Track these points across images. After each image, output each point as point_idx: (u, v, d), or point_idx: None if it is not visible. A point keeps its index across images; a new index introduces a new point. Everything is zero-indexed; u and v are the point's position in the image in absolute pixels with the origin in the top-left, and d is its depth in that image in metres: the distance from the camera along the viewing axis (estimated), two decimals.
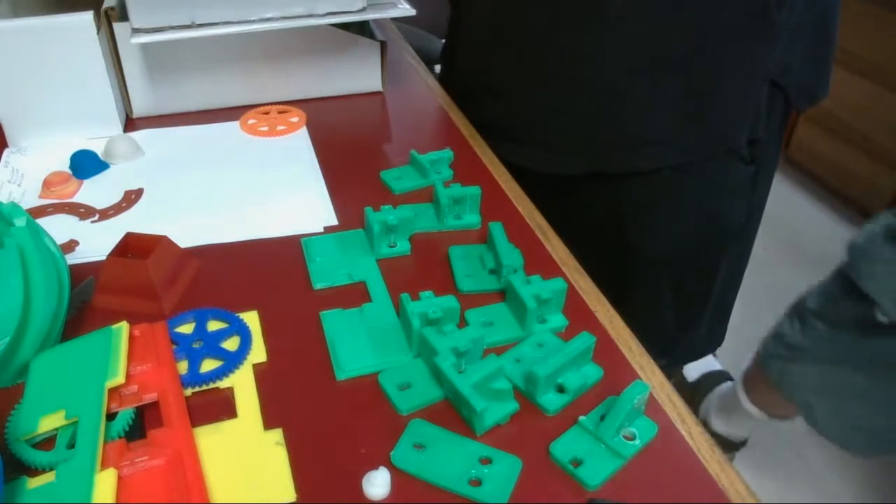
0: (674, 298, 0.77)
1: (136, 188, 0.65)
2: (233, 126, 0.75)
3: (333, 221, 0.61)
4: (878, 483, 1.46)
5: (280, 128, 0.75)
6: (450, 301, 0.48)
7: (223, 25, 0.68)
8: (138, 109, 0.76)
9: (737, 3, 0.65)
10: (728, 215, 0.77)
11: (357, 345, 0.48)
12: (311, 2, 0.69)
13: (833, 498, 1.43)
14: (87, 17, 0.66)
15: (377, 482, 0.38)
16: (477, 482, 0.39)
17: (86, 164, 0.66)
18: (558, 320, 0.50)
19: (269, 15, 0.69)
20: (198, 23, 0.67)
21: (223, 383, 0.45)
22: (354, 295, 0.53)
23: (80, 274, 0.53)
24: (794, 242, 2.08)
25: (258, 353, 0.47)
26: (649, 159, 0.72)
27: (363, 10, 0.71)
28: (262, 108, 0.78)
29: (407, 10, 0.72)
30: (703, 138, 0.71)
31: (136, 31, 0.66)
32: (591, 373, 0.46)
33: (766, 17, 0.66)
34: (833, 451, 1.51)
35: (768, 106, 0.71)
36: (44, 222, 0.59)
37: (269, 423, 0.42)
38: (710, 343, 0.92)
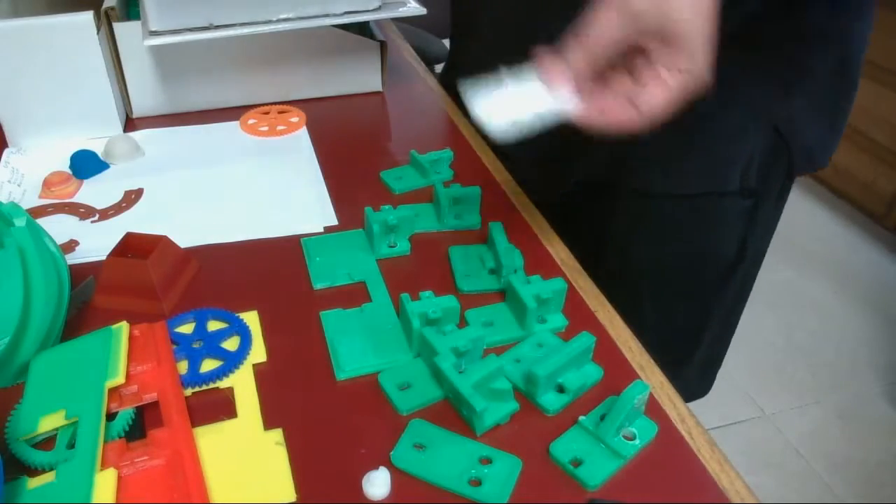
0: (660, 333, 0.73)
1: (136, 188, 0.65)
2: (233, 126, 0.75)
3: (333, 221, 0.61)
4: (878, 483, 1.47)
5: (280, 128, 0.75)
6: (450, 301, 0.48)
7: (240, 27, 0.68)
8: (138, 109, 0.76)
9: (750, 35, 0.59)
10: (717, 249, 0.71)
11: (357, 345, 0.48)
12: (327, 1, 0.69)
13: (833, 498, 1.43)
14: (87, 16, 0.66)
15: (377, 482, 0.38)
16: (477, 482, 0.39)
17: (86, 164, 0.66)
18: (558, 320, 0.50)
19: (285, 15, 0.69)
20: (215, 24, 0.67)
21: (223, 383, 0.45)
22: (354, 295, 0.53)
23: (80, 274, 0.53)
24: (793, 241, 2.08)
25: (258, 353, 0.47)
26: (632, 179, 0.68)
27: (378, 9, 0.71)
28: (262, 108, 0.78)
29: (417, 10, 0.72)
30: (690, 168, 0.67)
31: (153, 33, 0.66)
32: (591, 373, 0.46)
33: (778, 53, 0.61)
34: (833, 451, 1.52)
35: (767, 155, 0.66)
36: (44, 222, 0.59)
37: (269, 423, 0.42)
38: (699, 389, 0.86)
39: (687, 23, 0.42)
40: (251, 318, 0.50)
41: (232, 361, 0.46)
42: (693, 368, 0.81)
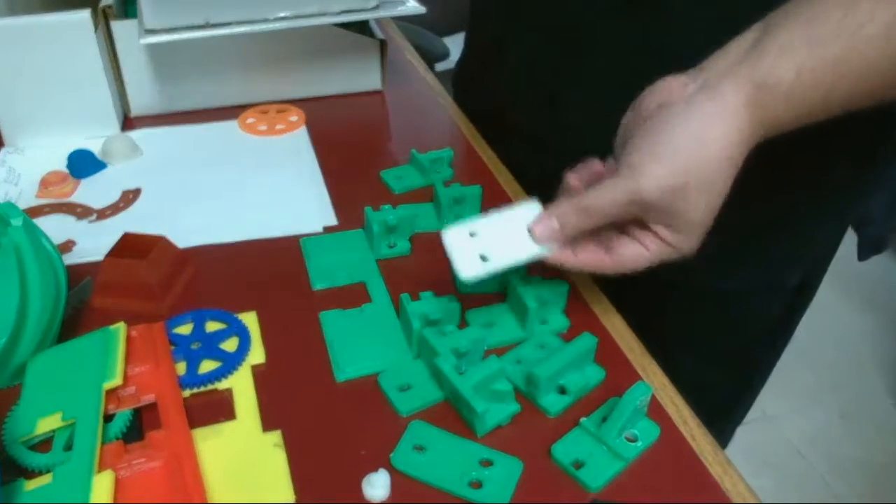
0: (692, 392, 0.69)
1: (133, 188, 0.64)
2: (231, 125, 0.75)
3: (333, 221, 0.60)
4: (881, 484, 1.46)
5: (279, 127, 0.74)
6: (450, 301, 0.48)
7: (237, 25, 0.67)
8: (136, 108, 0.76)
9: (839, 141, 0.54)
10: (748, 349, 0.68)
11: (357, 345, 0.48)
12: (325, 0, 0.69)
13: (833, 498, 1.43)
14: (85, 15, 0.65)
15: (377, 484, 0.38)
16: (477, 484, 0.39)
17: (83, 164, 0.66)
18: (560, 321, 0.50)
19: (282, 14, 0.68)
20: (212, 23, 0.67)
21: (222, 385, 0.45)
22: (354, 295, 0.52)
23: (77, 274, 0.52)
24: None
25: (257, 354, 0.47)
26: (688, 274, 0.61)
27: (376, 7, 0.71)
28: (260, 107, 0.78)
29: (417, 9, 0.72)
30: (748, 265, 0.62)
31: (148, 31, 0.66)
32: (593, 374, 0.46)
33: (867, 161, 0.56)
34: (833, 450, 1.51)
35: (832, 249, 0.63)
36: (41, 222, 0.59)
37: (267, 425, 0.42)
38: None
39: (696, 217, 0.41)
40: (250, 319, 0.49)
41: (230, 363, 0.46)
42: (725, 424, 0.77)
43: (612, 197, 0.42)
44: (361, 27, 0.78)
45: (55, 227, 0.58)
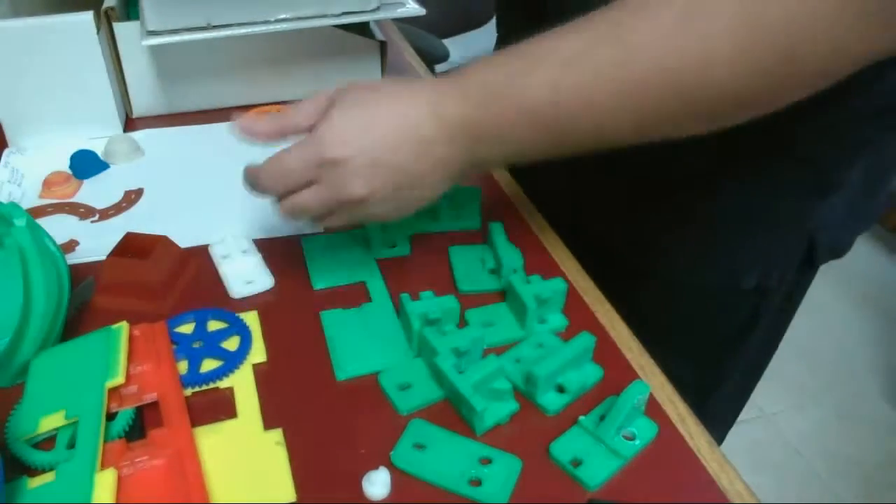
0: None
1: (135, 188, 0.65)
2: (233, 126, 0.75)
3: None
4: (878, 483, 1.47)
5: None
6: (450, 301, 0.48)
7: (238, 27, 0.68)
8: (138, 109, 0.76)
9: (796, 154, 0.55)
10: (727, 326, 0.68)
11: (357, 345, 0.48)
12: (325, 2, 0.69)
13: (833, 498, 1.43)
14: (87, 16, 0.65)
15: (377, 482, 0.39)
16: (477, 482, 0.39)
17: (86, 164, 0.66)
18: (558, 320, 0.50)
19: (283, 15, 0.69)
20: (214, 24, 0.67)
21: (223, 383, 0.45)
22: (354, 295, 0.53)
23: (80, 274, 0.53)
24: None
25: (258, 353, 0.47)
26: (656, 264, 0.65)
27: (377, 9, 0.71)
28: (262, 108, 0.78)
29: (417, 10, 0.72)
30: (708, 266, 0.64)
31: (150, 32, 0.66)
32: (591, 373, 0.46)
33: (824, 172, 0.57)
34: (833, 451, 1.52)
35: (791, 256, 0.63)
36: (44, 222, 0.59)
37: (268, 423, 0.42)
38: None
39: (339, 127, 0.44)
40: (251, 318, 0.50)
41: (232, 361, 0.46)
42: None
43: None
44: (362, 29, 0.79)
45: (58, 227, 0.58)
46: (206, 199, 0.64)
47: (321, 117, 0.45)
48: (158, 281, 0.51)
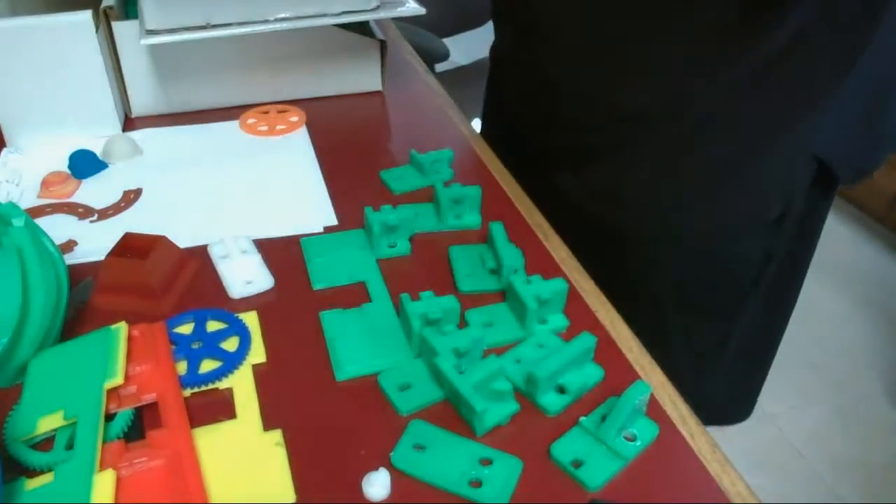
0: (684, 346, 0.71)
1: (134, 188, 0.65)
2: (232, 125, 0.75)
3: (333, 221, 0.60)
4: (880, 483, 1.46)
5: (279, 127, 0.75)
6: (450, 301, 0.48)
7: (238, 26, 0.68)
8: (137, 109, 0.76)
9: (781, 77, 0.57)
10: (740, 257, 0.69)
11: (357, 345, 0.48)
12: (325, 1, 0.69)
13: (835, 498, 1.43)
14: (86, 16, 0.65)
15: (377, 483, 0.38)
16: (477, 483, 0.39)
17: (84, 164, 0.66)
18: (559, 320, 0.50)
19: (283, 14, 0.69)
20: (213, 23, 0.67)
21: (222, 384, 0.45)
22: (354, 295, 0.52)
23: (78, 274, 0.53)
24: None
25: (257, 353, 0.47)
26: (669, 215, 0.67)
27: (376, 8, 0.71)
28: (261, 108, 0.78)
29: (417, 10, 0.72)
30: (721, 208, 0.65)
31: (149, 32, 0.66)
32: (592, 373, 0.46)
33: (814, 92, 0.59)
34: (835, 451, 1.52)
35: (810, 182, 0.64)
36: (42, 222, 0.59)
37: (268, 424, 0.42)
38: (734, 412, 0.82)
39: None
40: (250, 319, 0.50)
41: (231, 362, 0.46)
42: (719, 386, 0.78)
43: None
44: (362, 28, 0.79)
45: (57, 227, 0.58)
46: (206, 198, 0.64)
47: None
48: (157, 281, 0.50)
